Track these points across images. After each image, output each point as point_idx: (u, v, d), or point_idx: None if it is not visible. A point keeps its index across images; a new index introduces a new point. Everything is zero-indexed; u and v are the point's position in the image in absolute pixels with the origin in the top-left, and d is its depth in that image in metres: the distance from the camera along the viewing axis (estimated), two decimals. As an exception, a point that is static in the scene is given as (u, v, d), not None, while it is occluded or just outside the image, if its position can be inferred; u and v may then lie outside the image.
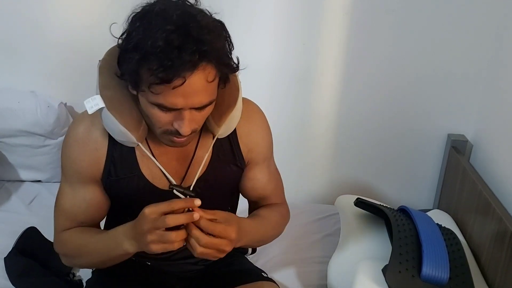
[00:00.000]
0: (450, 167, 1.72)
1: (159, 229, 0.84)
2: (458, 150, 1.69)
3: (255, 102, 1.12)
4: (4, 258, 1.35)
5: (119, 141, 0.96)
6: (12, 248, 1.38)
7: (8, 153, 1.79)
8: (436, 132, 1.78)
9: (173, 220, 0.84)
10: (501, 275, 1.23)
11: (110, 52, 0.97)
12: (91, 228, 1.05)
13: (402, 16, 1.63)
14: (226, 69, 0.88)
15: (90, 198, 1.01)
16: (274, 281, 1.16)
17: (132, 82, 0.87)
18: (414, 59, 1.69)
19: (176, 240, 0.85)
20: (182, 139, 0.91)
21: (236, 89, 0.99)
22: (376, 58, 1.70)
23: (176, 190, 0.97)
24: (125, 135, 0.92)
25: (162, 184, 1.02)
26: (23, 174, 1.84)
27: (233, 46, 0.90)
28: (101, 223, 1.11)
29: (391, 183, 1.89)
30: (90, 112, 0.91)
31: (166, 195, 0.96)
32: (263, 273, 1.19)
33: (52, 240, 1.45)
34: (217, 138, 1.01)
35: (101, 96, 0.91)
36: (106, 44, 1.03)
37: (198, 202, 0.85)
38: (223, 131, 0.99)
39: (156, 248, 0.86)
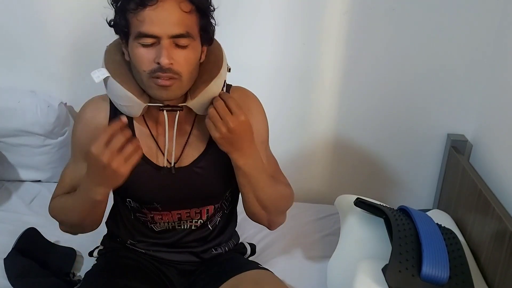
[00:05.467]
0: (449, 167, 1.72)
1: (114, 152, 0.90)
2: (457, 150, 1.69)
3: None
4: (4, 259, 1.34)
5: (124, 111, 1.02)
6: (12, 248, 1.38)
7: (8, 153, 1.79)
8: (436, 132, 1.78)
9: (117, 140, 0.90)
10: (501, 275, 1.23)
11: (117, 41, 1.04)
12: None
13: (401, 15, 1.63)
14: (201, 4, 0.95)
15: None
16: (270, 271, 1.17)
17: (121, 27, 0.95)
18: (413, 59, 1.69)
19: (134, 148, 0.91)
20: (166, 80, 0.95)
21: (217, 68, 1.03)
22: (376, 58, 1.70)
23: (166, 110, 1.03)
24: (131, 99, 0.99)
25: (159, 161, 1.08)
26: (23, 174, 1.84)
27: None
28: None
29: (391, 183, 1.89)
30: (97, 81, 0.98)
31: (162, 170, 1.07)
32: (259, 265, 1.20)
33: (52, 241, 1.46)
34: None
35: (106, 68, 1.00)
36: (107, 44, 1.04)
37: (124, 118, 0.92)
38: (196, 104, 1.02)
39: (126, 169, 0.91)
